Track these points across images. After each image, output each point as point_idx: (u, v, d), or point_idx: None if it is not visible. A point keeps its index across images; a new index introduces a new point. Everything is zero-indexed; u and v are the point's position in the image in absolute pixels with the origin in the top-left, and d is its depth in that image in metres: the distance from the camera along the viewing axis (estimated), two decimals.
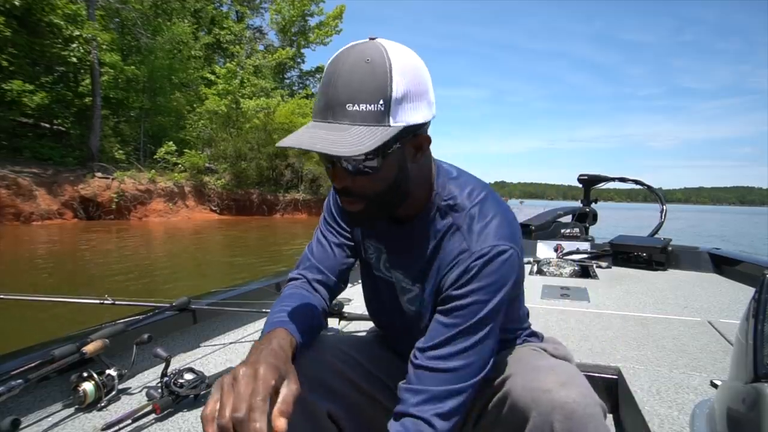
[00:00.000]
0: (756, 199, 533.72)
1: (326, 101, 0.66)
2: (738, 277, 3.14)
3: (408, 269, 0.85)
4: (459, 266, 0.75)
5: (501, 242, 0.74)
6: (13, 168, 13.70)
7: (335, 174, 0.71)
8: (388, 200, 0.75)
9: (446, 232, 0.80)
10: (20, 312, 4.33)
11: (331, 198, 0.97)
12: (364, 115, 0.64)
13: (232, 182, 20.90)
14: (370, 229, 0.89)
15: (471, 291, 0.73)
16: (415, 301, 0.85)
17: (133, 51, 19.27)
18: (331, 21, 28.39)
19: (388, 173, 0.71)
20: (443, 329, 0.74)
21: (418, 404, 0.71)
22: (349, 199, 0.74)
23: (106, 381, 1.25)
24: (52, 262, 8.09)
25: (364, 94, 0.64)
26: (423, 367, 0.74)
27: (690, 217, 55.78)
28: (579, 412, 0.64)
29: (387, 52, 0.66)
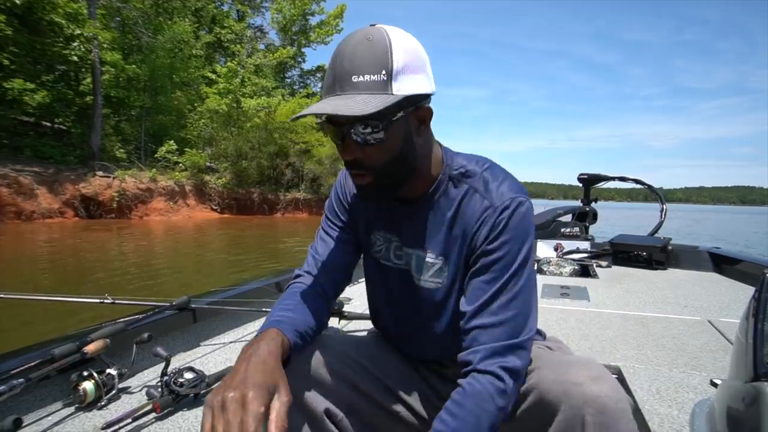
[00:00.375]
0: (757, 199, 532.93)
1: (333, 77, 0.73)
2: (738, 276, 3.14)
3: (429, 243, 0.87)
4: (486, 223, 0.80)
5: (518, 195, 0.81)
6: (14, 167, 13.71)
7: (345, 147, 0.77)
8: (396, 172, 0.80)
9: (464, 196, 0.84)
10: (21, 311, 4.33)
11: (333, 196, 1.00)
12: (368, 84, 0.71)
13: (233, 181, 20.90)
14: (380, 204, 0.91)
15: (503, 243, 0.79)
16: (440, 273, 0.87)
17: (134, 50, 19.26)
18: (331, 20, 28.36)
19: (394, 144, 0.77)
20: (485, 286, 0.78)
21: (481, 360, 0.74)
22: (359, 171, 0.79)
23: (107, 380, 1.25)
24: (52, 260, 8.10)
25: (366, 66, 0.71)
26: (476, 327, 0.77)
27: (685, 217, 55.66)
28: (611, 407, 0.65)
29: (387, 32, 0.74)
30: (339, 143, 0.77)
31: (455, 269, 0.85)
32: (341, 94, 0.72)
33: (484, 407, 0.70)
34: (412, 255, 0.89)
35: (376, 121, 0.73)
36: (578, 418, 0.66)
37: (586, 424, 0.65)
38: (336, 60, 0.73)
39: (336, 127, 0.75)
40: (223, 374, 1.35)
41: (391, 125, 0.75)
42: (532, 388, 0.74)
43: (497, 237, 0.79)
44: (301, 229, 16.93)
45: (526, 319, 0.77)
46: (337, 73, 0.72)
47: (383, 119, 0.73)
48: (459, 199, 0.85)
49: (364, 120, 0.72)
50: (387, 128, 0.74)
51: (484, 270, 0.79)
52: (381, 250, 0.94)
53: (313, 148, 23.30)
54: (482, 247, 0.80)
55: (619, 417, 0.65)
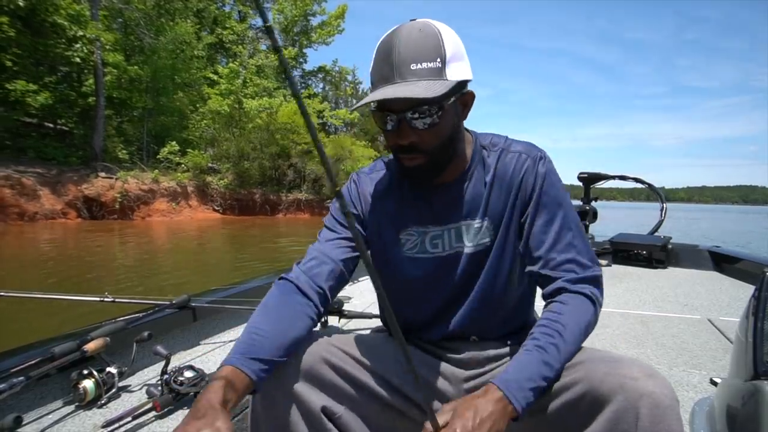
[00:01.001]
0: (759, 198, 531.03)
1: (390, 66, 0.78)
2: (738, 275, 3.13)
3: (472, 212, 0.94)
4: (530, 172, 0.91)
5: (542, 149, 0.94)
6: (17, 168, 13.75)
7: (401, 132, 0.82)
8: (445, 153, 0.88)
9: (498, 159, 0.94)
10: (21, 310, 4.34)
11: (344, 196, 0.98)
12: (426, 71, 0.78)
13: (235, 182, 20.92)
14: (431, 181, 0.93)
15: (549, 187, 0.90)
16: (486, 233, 0.93)
17: (136, 51, 19.31)
18: (333, 21, 28.38)
19: (446, 126, 0.84)
20: (547, 227, 0.89)
21: (573, 284, 0.85)
22: (412, 155, 0.85)
23: (107, 378, 1.25)
24: (54, 260, 8.12)
25: (423, 54, 0.78)
26: (556, 266, 0.87)
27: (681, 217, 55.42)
28: (665, 403, 0.67)
29: (433, 23, 0.81)
30: (391, 129, 0.83)
31: (501, 225, 0.93)
32: (401, 81, 0.77)
33: (584, 311, 0.83)
34: (455, 228, 0.94)
35: (434, 106, 0.80)
36: (633, 410, 0.67)
37: (640, 417, 0.66)
38: (389, 50, 0.79)
39: (391, 113, 0.81)
40: None
41: (444, 109, 0.82)
42: (581, 378, 0.75)
43: (543, 183, 0.90)
44: (303, 229, 16.94)
45: (590, 250, 0.90)
46: (394, 62, 0.78)
47: (439, 104, 0.80)
48: (495, 163, 0.94)
49: (424, 105, 0.79)
50: (441, 112, 0.81)
51: (541, 214, 0.90)
52: (415, 245, 0.95)
53: (314, 148, 23.30)
54: (533, 195, 0.90)
55: (671, 414, 0.67)
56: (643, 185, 4.65)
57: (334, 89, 34.52)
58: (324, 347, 0.85)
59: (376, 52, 0.82)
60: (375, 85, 0.81)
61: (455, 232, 0.94)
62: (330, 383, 0.83)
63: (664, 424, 0.66)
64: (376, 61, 0.82)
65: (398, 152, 0.87)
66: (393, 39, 0.79)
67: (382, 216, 0.98)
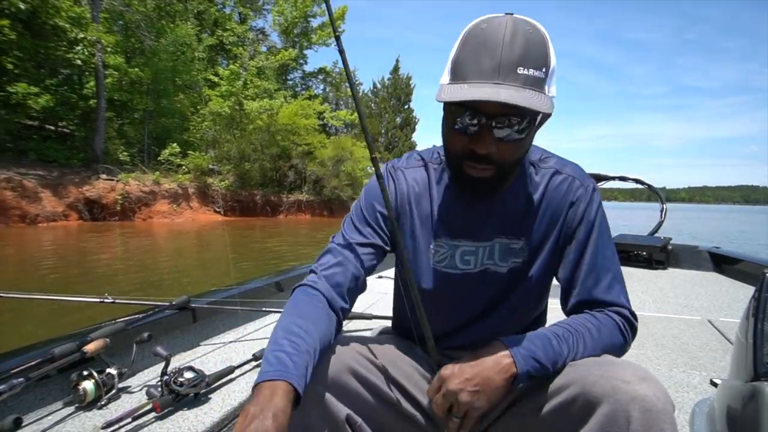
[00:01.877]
0: (761, 198, 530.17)
1: (494, 62, 0.69)
2: (738, 275, 3.13)
3: (511, 229, 0.89)
4: (582, 200, 0.87)
5: (588, 177, 0.91)
6: (18, 170, 13.77)
7: (481, 140, 0.74)
8: (514, 169, 0.83)
9: (549, 180, 0.89)
10: (21, 311, 4.35)
11: (377, 191, 0.91)
12: (532, 79, 0.69)
13: (236, 183, 20.94)
14: (489, 195, 0.86)
15: (602, 219, 0.88)
16: (521, 253, 0.90)
17: (137, 53, 19.35)
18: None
19: (527, 144, 0.79)
20: (583, 264, 0.86)
21: (607, 306, 0.85)
22: (484, 165, 0.77)
23: (106, 379, 1.25)
24: (55, 262, 8.13)
25: (532, 60, 0.69)
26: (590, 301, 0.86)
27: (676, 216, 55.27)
28: (658, 407, 0.66)
29: (538, 25, 0.73)
30: (470, 133, 0.74)
31: (541, 248, 0.89)
32: (502, 83, 0.68)
33: (614, 335, 0.82)
34: (489, 246, 0.90)
35: (526, 121, 0.72)
36: (624, 413, 0.66)
37: (631, 420, 0.66)
38: (495, 44, 0.69)
39: (477, 114, 0.72)
40: (222, 374, 1.35)
41: (534, 124, 0.75)
42: (575, 380, 0.74)
43: (594, 216, 0.87)
44: (304, 230, 16.95)
45: (624, 287, 0.88)
46: (500, 59, 0.68)
47: (532, 118, 0.73)
48: (545, 184, 0.88)
49: (517, 115, 0.71)
50: (530, 129, 0.74)
51: (579, 248, 0.87)
52: (445, 259, 0.91)
53: (315, 149, 23.33)
54: (581, 224, 0.87)
55: (664, 418, 0.66)
56: (643, 186, 4.65)
57: (334, 90, 34.55)
58: (351, 356, 0.82)
59: (470, 39, 0.72)
60: (466, 77, 0.70)
61: (489, 250, 0.90)
62: (354, 393, 0.81)
63: (656, 428, 0.65)
64: (470, 49, 0.71)
65: (467, 159, 0.77)
66: (499, 31, 0.69)
67: (415, 220, 0.91)
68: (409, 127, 40.64)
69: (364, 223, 0.91)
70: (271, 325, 1.89)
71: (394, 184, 0.93)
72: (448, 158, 0.84)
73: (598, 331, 0.80)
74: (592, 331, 0.80)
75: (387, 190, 0.89)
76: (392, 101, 40.32)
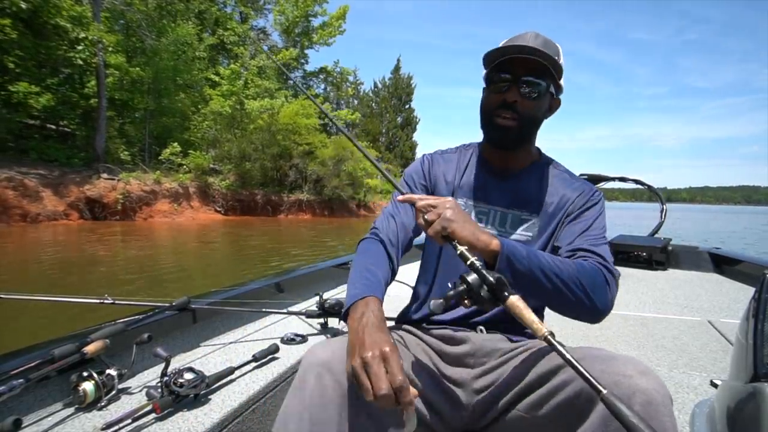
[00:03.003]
0: (762, 199, 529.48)
1: (524, 40, 0.99)
2: (738, 276, 3.12)
3: (526, 204, 1.07)
4: (584, 196, 1.06)
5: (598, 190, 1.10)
6: (19, 169, 13.79)
7: (509, 91, 1.00)
8: (529, 128, 1.05)
9: (558, 176, 1.10)
10: (21, 311, 4.36)
11: (417, 166, 1.18)
12: (551, 59, 0.96)
13: (237, 183, 20.95)
14: (510, 148, 1.07)
15: (600, 208, 1.06)
16: (532, 227, 1.06)
17: (138, 52, 19.35)
18: (334, 21, 28.40)
19: (542, 106, 1.03)
20: (576, 228, 1.01)
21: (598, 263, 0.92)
22: (511, 113, 1.01)
23: (106, 381, 1.25)
24: (56, 262, 8.14)
25: (550, 47, 0.99)
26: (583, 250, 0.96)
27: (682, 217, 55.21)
28: (658, 400, 0.69)
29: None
30: (504, 89, 1.00)
31: (548, 225, 1.06)
32: (532, 47, 0.95)
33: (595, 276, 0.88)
34: (501, 213, 1.08)
35: (542, 83, 0.99)
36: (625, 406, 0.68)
37: (634, 414, 0.67)
38: (521, 37, 1.01)
39: (510, 74, 0.99)
40: (223, 375, 1.35)
41: (547, 91, 1.01)
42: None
43: (591, 206, 1.05)
44: (305, 230, 16.95)
45: (610, 254, 0.97)
46: (527, 41, 0.98)
47: (546, 84, 1.00)
48: (555, 177, 1.10)
49: (536, 76, 0.98)
50: (546, 92, 1.01)
51: (581, 219, 1.03)
52: None
53: (316, 149, 23.34)
54: (578, 211, 1.04)
55: (664, 410, 0.69)
56: (642, 187, 4.64)
57: (335, 90, 34.55)
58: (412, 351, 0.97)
59: (504, 42, 1.03)
60: (505, 50, 0.97)
61: (500, 216, 1.08)
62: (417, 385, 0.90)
63: (657, 420, 0.67)
64: (504, 44, 0.99)
65: (498, 108, 1.02)
66: (524, 33, 1.01)
67: (444, 185, 1.13)
68: (410, 127, 40.65)
69: (401, 206, 1.10)
70: (271, 326, 1.89)
71: (429, 162, 1.18)
72: (484, 115, 1.06)
73: (581, 267, 0.88)
74: (574, 265, 0.88)
75: (423, 166, 1.18)
76: (393, 101, 40.33)
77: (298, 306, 2.06)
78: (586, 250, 0.95)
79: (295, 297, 2.21)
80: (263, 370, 1.45)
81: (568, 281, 0.84)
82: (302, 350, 1.61)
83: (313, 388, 0.76)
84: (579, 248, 0.96)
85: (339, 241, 13.42)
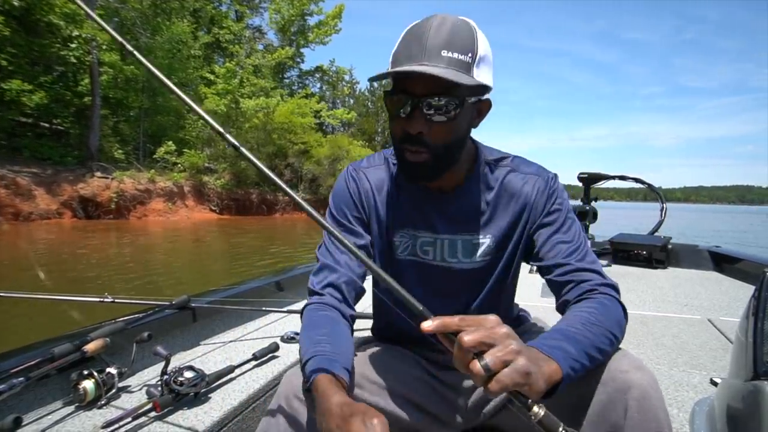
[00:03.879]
0: (756, 198, 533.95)
1: (420, 47, 0.75)
2: (738, 275, 3.14)
3: (473, 225, 0.92)
4: (542, 193, 0.90)
5: (547, 170, 0.94)
6: (12, 167, 13.68)
7: (412, 119, 0.78)
8: (450, 155, 0.83)
9: (504, 177, 0.92)
10: (20, 310, 4.33)
11: (343, 196, 0.96)
12: (456, 62, 0.74)
13: (232, 182, 20.88)
14: (427, 182, 0.89)
15: (560, 205, 0.91)
16: (488, 251, 0.92)
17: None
18: (330, 20, 28.38)
19: (460, 126, 0.81)
20: (562, 236, 0.88)
21: (598, 287, 0.82)
22: (418, 147, 0.80)
23: (106, 379, 1.24)
24: (51, 261, 8.08)
25: (457, 44, 0.75)
26: (576, 271, 0.85)
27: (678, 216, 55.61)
28: (652, 394, 0.69)
29: (469, 20, 0.79)
30: (403, 115, 0.79)
31: (508, 244, 0.92)
32: (427, 63, 0.74)
33: (617, 312, 0.79)
34: (449, 240, 0.92)
35: (454, 100, 0.76)
36: (621, 401, 0.69)
37: (629, 407, 0.69)
38: (422, 32, 0.76)
39: (409, 97, 0.77)
40: (222, 373, 1.35)
41: (463, 107, 0.78)
42: None
43: (555, 201, 0.90)
44: (300, 229, 16.92)
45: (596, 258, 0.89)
46: (425, 43, 0.75)
47: (460, 99, 0.77)
48: (500, 181, 0.92)
49: (444, 95, 0.75)
50: (460, 109, 0.77)
51: (554, 224, 0.89)
52: (407, 248, 0.94)
53: (311, 148, 23.31)
54: (544, 213, 0.90)
55: (658, 404, 0.69)
56: (642, 185, 4.67)
57: (331, 89, 34.52)
58: (360, 380, 0.86)
59: (405, 33, 0.80)
60: (398, 64, 0.77)
61: (449, 244, 0.92)
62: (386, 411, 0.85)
63: (651, 414, 0.67)
64: (403, 40, 0.79)
65: (403, 142, 0.81)
66: (427, 23, 0.77)
67: (380, 216, 0.95)
68: None
69: (340, 228, 0.94)
70: (271, 325, 1.89)
71: (356, 185, 0.96)
72: (394, 146, 0.87)
73: (606, 311, 0.78)
74: (602, 316, 0.77)
75: (352, 192, 0.95)
76: None
77: (298, 304, 2.06)
78: (583, 270, 0.84)
79: (295, 295, 2.21)
80: (263, 368, 1.45)
81: (606, 347, 0.74)
82: None
83: (288, 418, 0.74)
84: (573, 269, 0.85)
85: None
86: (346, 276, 0.89)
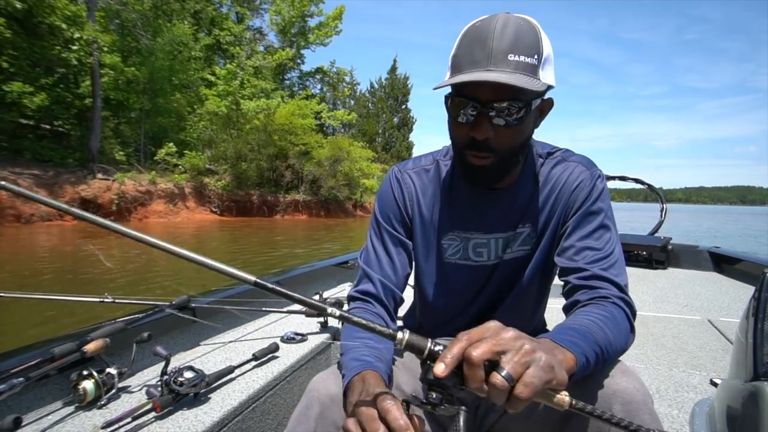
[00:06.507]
0: (756, 199, 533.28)
1: (485, 51, 0.72)
2: (738, 275, 3.14)
3: (520, 218, 0.90)
4: (584, 187, 0.87)
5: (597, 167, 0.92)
6: (13, 169, 13.70)
7: (478, 126, 0.76)
8: (514, 158, 0.82)
9: (553, 167, 0.91)
10: (20, 310, 4.33)
11: (388, 201, 0.96)
12: (522, 65, 0.72)
13: (233, 183, 20.91)
14: (491, 185, 0.88)
15: (603, 200, 0.87)
16: (529, 240, 0.91)
17: (134, 52, 19.27)
18: (330, 22, 28.42)
19: (526, 129, 0.79)
20: (590, 249, 0.84)
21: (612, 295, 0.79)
22: (483, 153, 0.78)
23: (106, 379, 1.24)
24: (52, 262, 8.09)
25: (522, 47, 0.72)
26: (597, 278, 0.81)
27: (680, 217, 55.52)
28: (638, 399, 0.68)
29: (531, 19, 0.76)
30: (467, 121, 0.77)
31: (545, 233, 0.90)
32: (494, 69, 0.71)
33: (625, 326, 0.76)
34: (503, 238, 0.91)
35: (520, 104, 0.74)
36: (606, 407, 0.68)
37: (613, 413, 0.67)
38: (485, 35, 0.73)
39: (474, 102, 0.74)
40: (222, 373, 1.35)
41: (530, 110, 0.76)
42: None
43: (595, 201, 0.86)
44: (301, 231, 16.92)
45: (625, 270, 0.84)
46: (490, 47, 0.72)
47: (527, 103, 0.74)
48: (548, 172, 0.91)
49: (513, 99, 0.73)
50: (526, 113, 0.75)
51: (585, 232, 0.85)
52: (458, 251, 0.93)
53: (312, 149, 23.33)
54: (582, 210, 0.86)
55: (644, 408, 0.68)
56: (643, 186, 4.66)
57: (331, 90, 34.54)
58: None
59: (465, 36, 0.76)
60: (461, 69, 0.74)
61: (502, 242, 0.91)
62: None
63: (637, 419, 0.66)
64: (465, 44, 0.75)
65: (467, 148, 0.79)
66: (490, 24, 0.73)
67: (426, 218, 0.94)
68: (406, 127, 40.66)
69: (384, 232, 0.95)
70: (271, 325, 1.89)
71: (400, 187, 0.95)
72: (454, 150, 0.86)
73: (614, 320, 0.75)
74: (610, 323, 0.75)
75: (396, 194, 0.95)
76: (390, 101, 40.33)
77: (298, 305, 2.05)
78: (603, 279, 0.80)
79: None
80: (263, 368, 1.45)
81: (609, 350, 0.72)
82: (302, 349, 1.61)
83: (317, 421, 0.74)
84: (593, 275, 0.81)
85: (338, 243, 13.41)
86: (386, 286, 0.91)
